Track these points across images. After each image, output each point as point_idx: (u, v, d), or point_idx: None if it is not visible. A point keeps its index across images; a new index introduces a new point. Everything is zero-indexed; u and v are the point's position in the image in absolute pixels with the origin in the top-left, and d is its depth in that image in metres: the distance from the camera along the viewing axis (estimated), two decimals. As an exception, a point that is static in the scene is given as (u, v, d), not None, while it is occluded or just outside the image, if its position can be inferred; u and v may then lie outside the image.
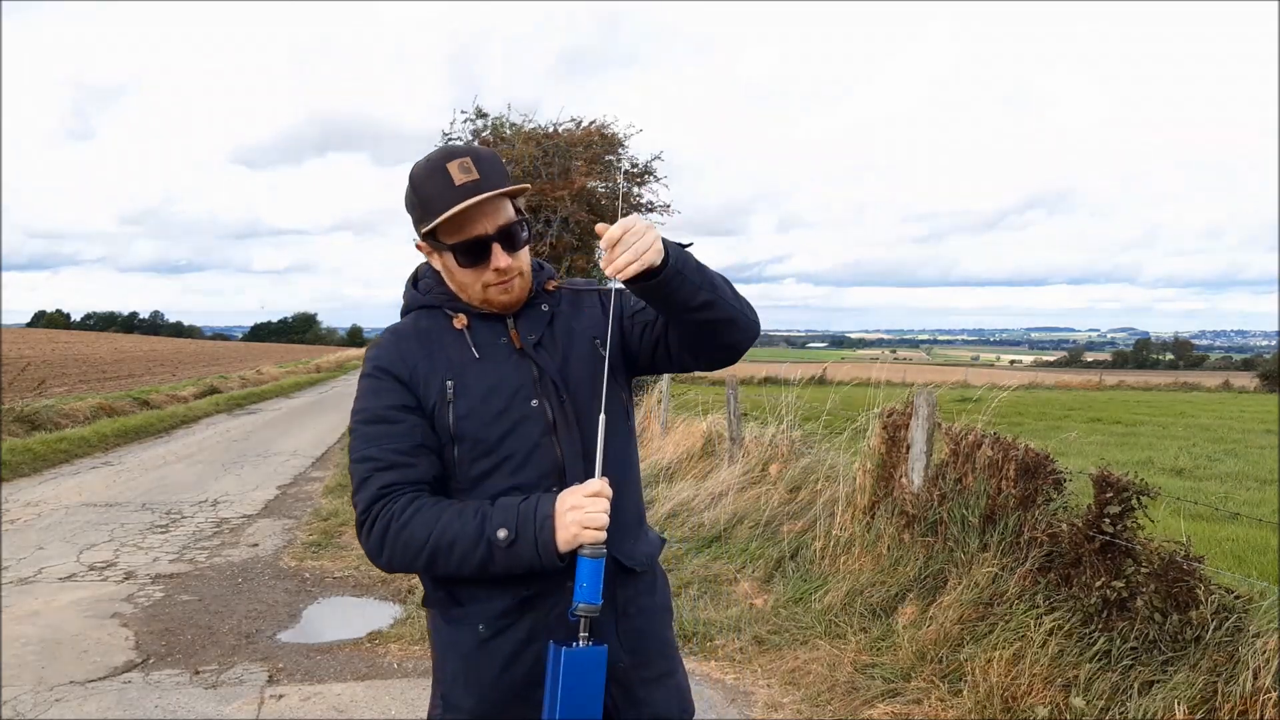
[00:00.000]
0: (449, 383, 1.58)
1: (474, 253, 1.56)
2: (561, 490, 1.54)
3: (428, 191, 1.54)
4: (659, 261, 1.43)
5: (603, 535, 1.47)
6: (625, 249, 1.41)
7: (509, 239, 1.58)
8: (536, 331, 1.65)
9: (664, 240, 1.46)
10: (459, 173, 1.52)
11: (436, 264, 1.66)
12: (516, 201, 1.62)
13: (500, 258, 1.56)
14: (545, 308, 1.68)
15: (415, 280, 1.74)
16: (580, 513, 1.46)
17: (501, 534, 1.47)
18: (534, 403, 1.60)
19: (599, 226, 1.44)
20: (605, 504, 1.48)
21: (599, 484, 1.48)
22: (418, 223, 1.59)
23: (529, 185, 1.60)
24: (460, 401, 1.58)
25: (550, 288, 1.72)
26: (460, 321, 1.63)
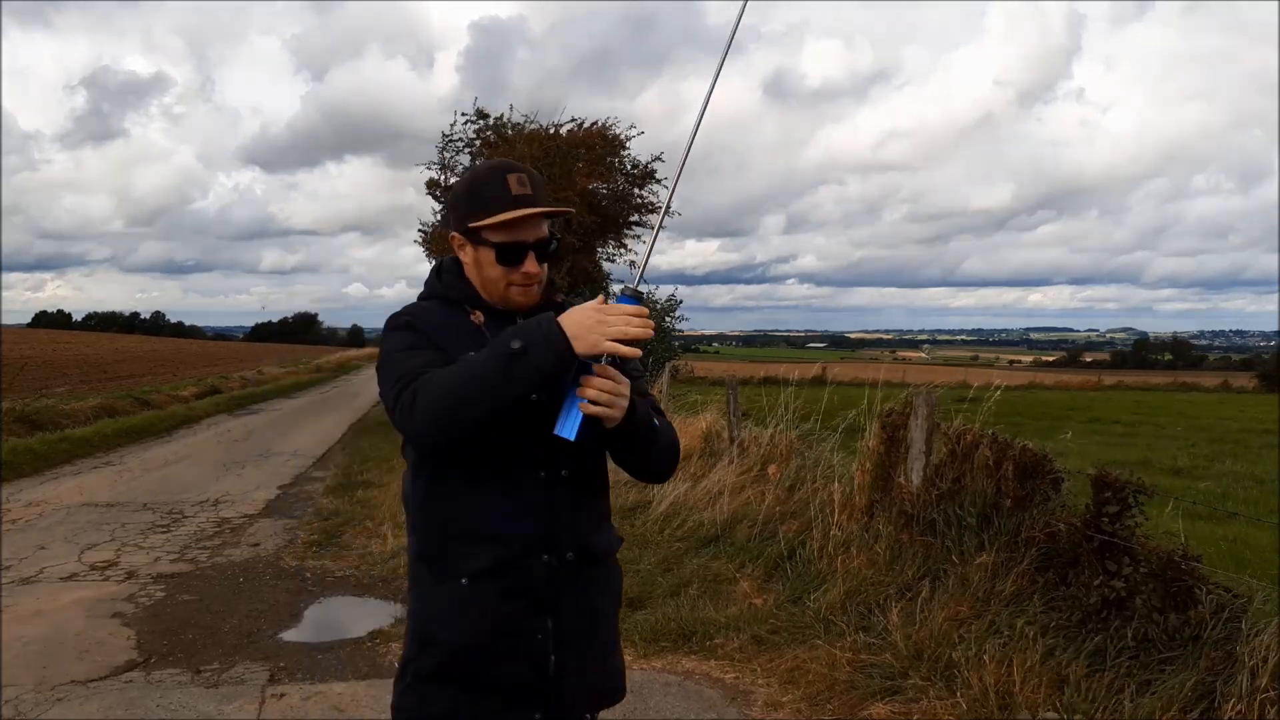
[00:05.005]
0: (471, 354, 1.69)
1: (512, 255, 1.77)
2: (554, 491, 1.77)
3: (487, 194, 1.75)
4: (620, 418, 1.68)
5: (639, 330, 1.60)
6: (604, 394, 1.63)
7: (541, 251, 1.79)
8: None
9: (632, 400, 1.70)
10: (516, 185, 1.74)
11: (466, 256, 1.82)
12: (553, 222, 1.84)
13: (531, 264, 1.78)
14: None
15: (439, 272, 1.89)
16: (605, 326, 1.58)
17: (515, 344, 1.59)
18: (534, 396, 1.68)
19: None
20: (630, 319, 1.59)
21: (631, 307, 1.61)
22: (465, 216, 1.78)
23: (573, 210, 1.79)
24: None
25: (558, 300, 1.89)
26: (478, 318, 1.81)
